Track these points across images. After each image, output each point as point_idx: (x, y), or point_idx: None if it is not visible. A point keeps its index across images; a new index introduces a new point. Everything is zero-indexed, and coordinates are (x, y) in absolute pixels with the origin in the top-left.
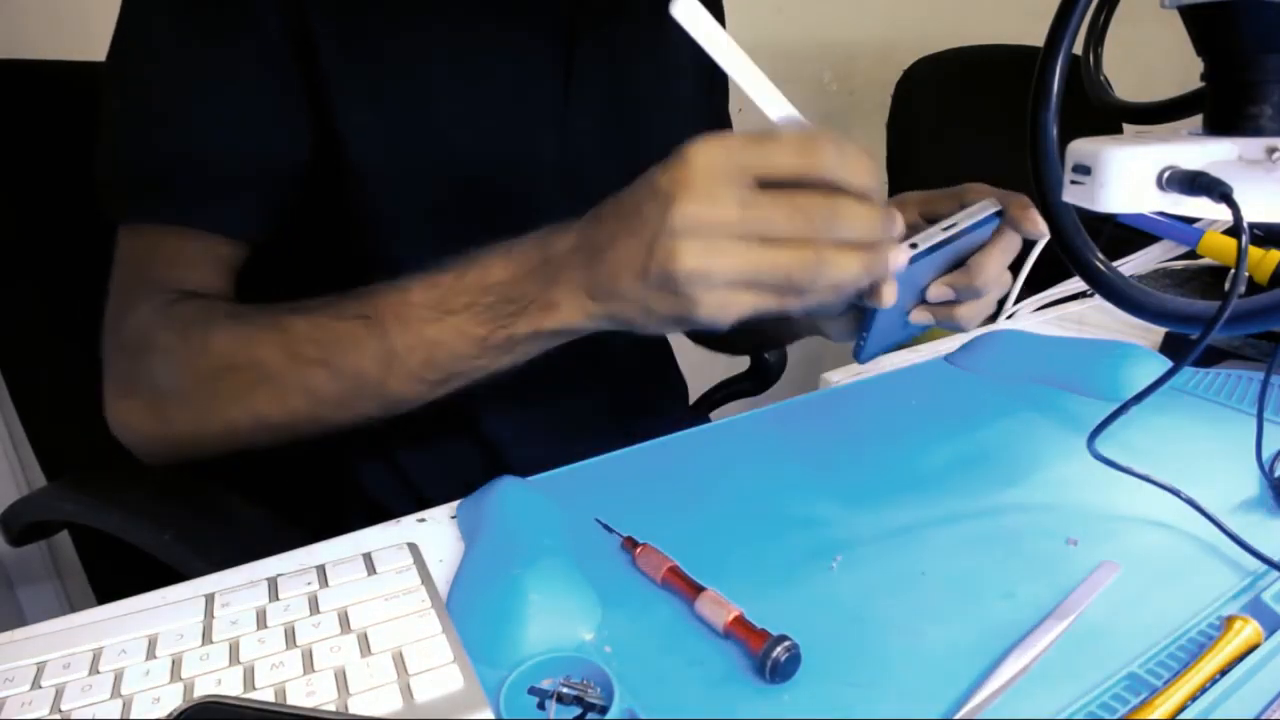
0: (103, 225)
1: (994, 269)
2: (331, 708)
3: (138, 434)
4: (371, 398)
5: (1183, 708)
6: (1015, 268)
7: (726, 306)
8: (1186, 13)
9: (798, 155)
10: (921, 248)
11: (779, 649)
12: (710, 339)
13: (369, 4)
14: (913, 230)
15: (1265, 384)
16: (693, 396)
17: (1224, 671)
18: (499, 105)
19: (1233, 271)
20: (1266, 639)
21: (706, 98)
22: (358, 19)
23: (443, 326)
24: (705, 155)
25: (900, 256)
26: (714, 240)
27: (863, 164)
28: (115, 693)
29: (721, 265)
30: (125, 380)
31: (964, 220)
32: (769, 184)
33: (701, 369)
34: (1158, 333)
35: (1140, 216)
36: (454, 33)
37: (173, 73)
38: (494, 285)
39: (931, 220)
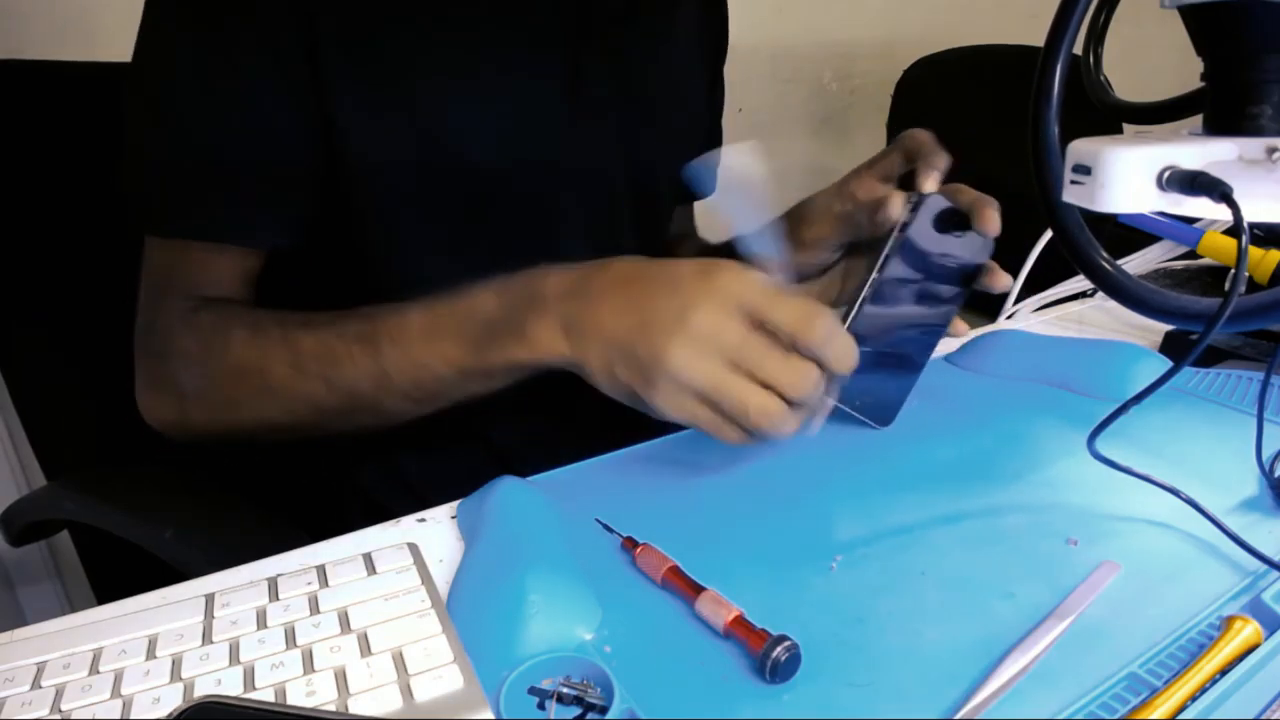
0: (102, 226)
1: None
2: (331, 708)
3: (163, 423)
4: (366, 411)
5: (1183, 708)
6: (1015, 267)
7: (677, 407)
8: (1186, 13)
9: (800, 321)
10: (850, 320)
11: (779, 649)
12: None
13: (371, 11)
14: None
15: (1265, 384)
16: None
17: (1224, 671)
18: (505, 109)
19: (1233, 271)
20: (1266, 639)
21: (709, 95)
22: (361, 25)
23: (430, 350)
24: (731, 282)
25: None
26: (705, 352)
27: (845, 354)
28: (115, 693)
29: (699, 376)
30: (152, 378)
31: (878, 267)
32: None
33: None
34: (1158, 333)
35: (1140, 216)
36: (457, 38)
37: (191, 88)
38: (481, 314)
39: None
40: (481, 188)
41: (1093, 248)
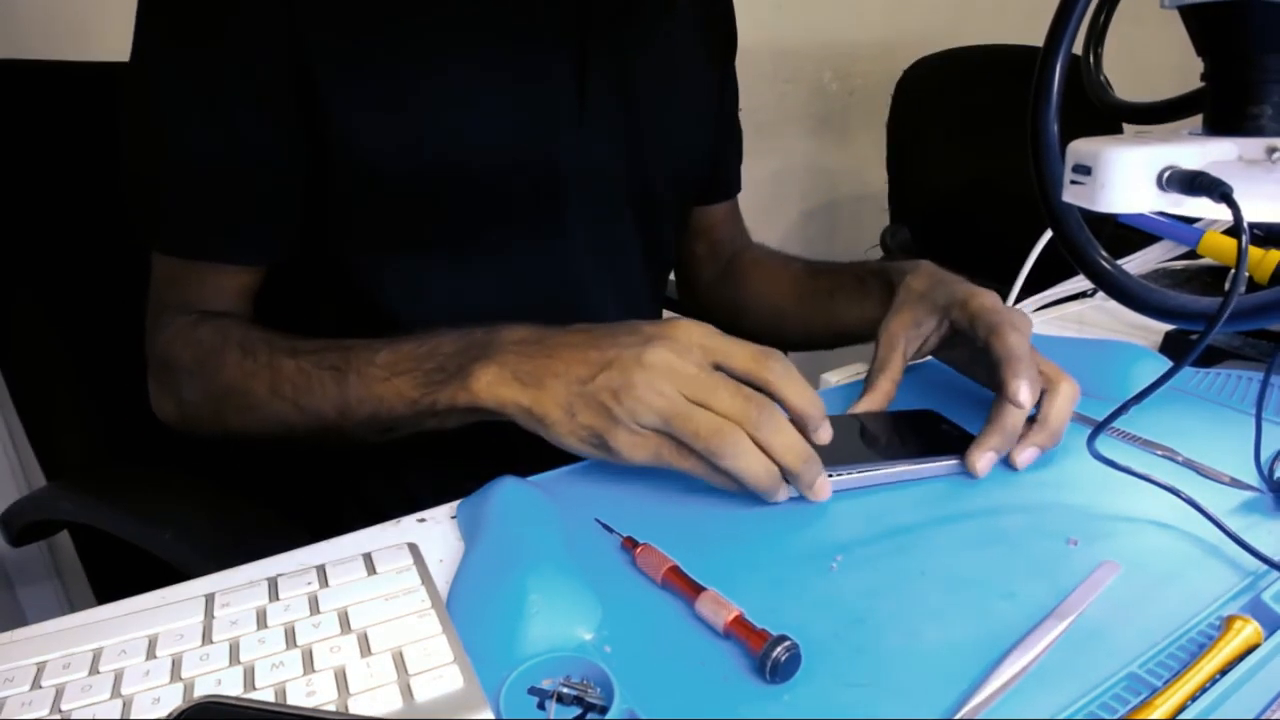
0: (102, 226)
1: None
2: (331, 708)
3: (167, 420)
4: (332, 435)
5: (1183, 708)
6: (1015, 267)
7: (636, 444)
8: (1186, 13)
9: (752, 359)
10: (836, 480)
11: (779, 649)
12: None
13: (372, 24)
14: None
15: (1265, 384)
16: None
17: (1224, 671)
18: (510, 110)
19: (1233, 271)
20: (1266, 639)
21: (720, 89)
22: (360, 38)
23: (388, 386)
24: (687, 328)
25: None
26: (664, 384)
27: (804, 390)
28: (115, 693)
29: (657, 403)
30: (159, 384)
31: (904, 471)
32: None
33: None
34: (1158, 333)
35: (1140, 216)
36: (461, 40)
37: (178, 108)
38: (437, 355)
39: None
40: (485, 189)
41: (1093, 248)
